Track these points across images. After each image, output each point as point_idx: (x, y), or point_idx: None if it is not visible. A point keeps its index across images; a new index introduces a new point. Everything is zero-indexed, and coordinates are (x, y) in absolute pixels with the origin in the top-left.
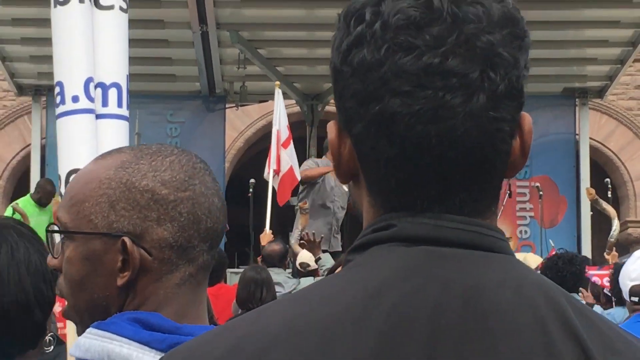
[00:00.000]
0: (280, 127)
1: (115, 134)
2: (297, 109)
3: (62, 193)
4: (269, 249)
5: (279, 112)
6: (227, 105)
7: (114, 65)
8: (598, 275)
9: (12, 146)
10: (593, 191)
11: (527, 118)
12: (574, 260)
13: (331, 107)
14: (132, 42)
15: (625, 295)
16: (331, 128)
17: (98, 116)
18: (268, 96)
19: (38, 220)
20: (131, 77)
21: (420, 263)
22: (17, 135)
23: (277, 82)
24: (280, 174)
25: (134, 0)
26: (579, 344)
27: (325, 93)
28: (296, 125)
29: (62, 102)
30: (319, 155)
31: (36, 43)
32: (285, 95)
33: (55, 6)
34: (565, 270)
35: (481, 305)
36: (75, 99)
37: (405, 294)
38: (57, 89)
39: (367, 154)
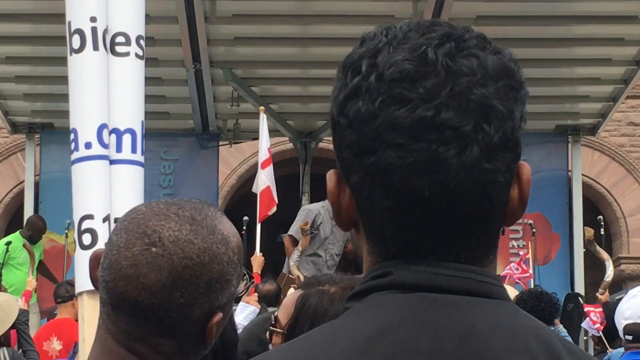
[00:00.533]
0: (262, 150)
1: (129, 180)
2: (290, 146)
3: (76, 239)
4: (263, 290)
5: (263, 136)
6: (220, 143)
7: (129, 112)
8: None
9: (5, 183)
10: (592, 231)
11: (525, 167)
12: (542, 297)
13: (324, 144)
14: None
15: (620, 333)
16: (331, 177)
17: (112, 162)
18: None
19: (27, 257)
20: None
21: (416, 310)
22: (10, 172)
23: (262, 107)
24: (258, 192)
25: None
26: None
27: (318, 130)
28: (290, 162)
29: (76, 148)
30: (313, 193)
31: (30, 81)
32: (279, 133)
33: (70, 54)
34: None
35: (476, 349)
36: (88, 145)
37: (401, 340)
38: (72, 136)
39: (364, 203)
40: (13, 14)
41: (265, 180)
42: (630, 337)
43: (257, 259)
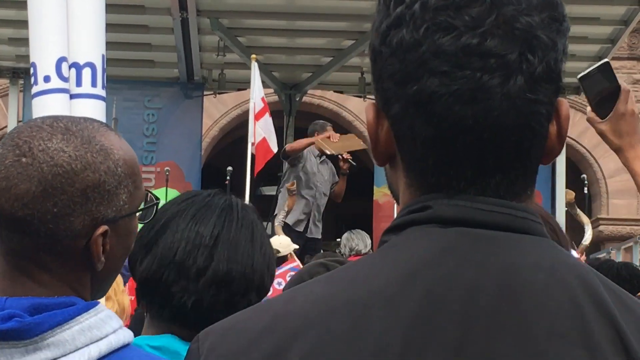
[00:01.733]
0: (255, 100)
1: (90, 114)
2: (275, 98)
3: None
4: None
5: (255, 84)
6: (205, 93)
7: (89, 45)
8: None
9: None
10: (572, 194)
11: (564, 103)
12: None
13: (308, 98)
14: (111, 27)
15: None
16: (369, 110)
17: (72, 96)
18: (247, 84)
19: None
20: (109, 61)
21: (455, 245)
22: None
23: (254, 55)
24: (255, 144)
25: None
26: (614, 327)
27: (303, 83)
28: (274, 115)
29: (35, 82)
30: None
31: (14, 25)
32: (264, 84)
33: None
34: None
35: (515, 287)
36: (47, 78)
37: (440, 276)
38: (31, 70)
39: (404, 134)
40: None
41: (260, 132)
42: None
43: None
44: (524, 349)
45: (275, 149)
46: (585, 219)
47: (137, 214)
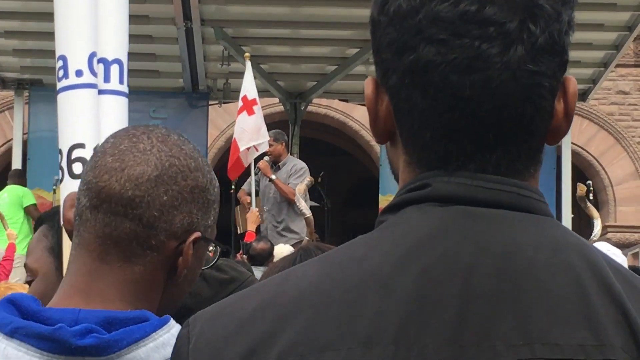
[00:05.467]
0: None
1: (117, 111)
2: (279, 108)
3: (62, 167)
4: (257, 248)
5: (246, 81)
6: (210, 103)
7: (117, 41)
8: None
9: None
10: (584, 188)
11: (572, 80)
12: None
13: (313, 107)
14: None
15: None
16: (368, 84)
17: (101, 92)
18: None
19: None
20: None
21: (455, 223)
22: None
23: (247, 54)
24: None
25: None
26: (619, 306)
27: (308, 92)
28: (279, 125)
29: (66, 76)
30: (301, 155)
31: (19, 37)
32: (268, 93)
33: None
34: None
35: (516, 266)
36: (79, 73)
37: (438, 256)
38: (59, 63)
39: (402, 107)
40: None
41: (237, 130)
42: None
43: (252, 215)
44: (526, 329)
45: (242, 148)
46: (595, 213)
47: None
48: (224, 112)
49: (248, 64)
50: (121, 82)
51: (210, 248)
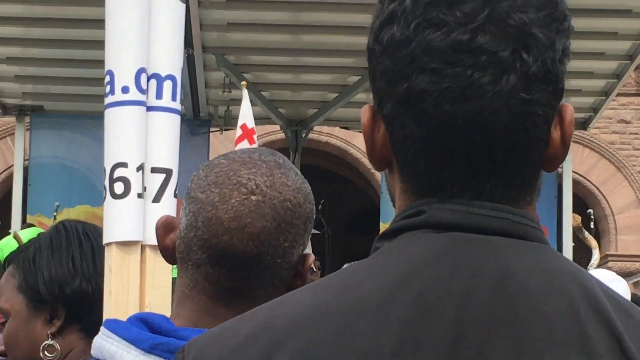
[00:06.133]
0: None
1: (168, 128)
2: (280, 136)
3: (107, 187)
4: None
5: (243, 110)
6: (211, 129)
7: (170, 57)
8: None
9: None
10: (579, 218)
11: (569, 108)
12: None
13: (314, 135)
14: None
15: None
16: (365, 112)
17: (152, 108)
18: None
19: None
20: None
21: (449, 249)
22: None
23: (244, 82)
24: None
25: None
26: (613, 333)
27: (309, 119)
28: (280, 152)
29: (112, 92)
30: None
31: (21, 63)
32: (269, 121)
33: None
34: None
35: (511, 291)
36: (125, 89)
37: (433, 281)
38: (107, 78)
39: (397, 135)
40: None
41: None
42: None
43: None
44: (520, 354)
45: None
46: (593, 242)
47: None
48: (225, 138)
49: (245, 92)
50: (174, 99)
51: None
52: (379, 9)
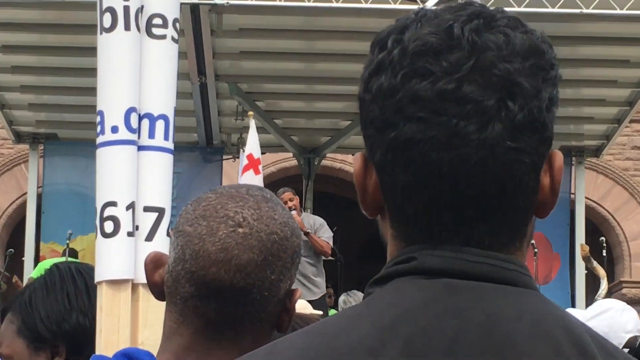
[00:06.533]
0: (243, 157)
1: (161, 167)
2: (293, 163)
3: (97, 226)
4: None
5: (249, 140)
6: (224, 157)
7: (163, 97)
8: None
9: (8, 195)
10: (587, 248)
11: (558, 155)
12: None
13: (327, 162)
14: None
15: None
16: (357, 159)
17: (144, 148)
18: (265, 148)
19: None
20: None
21: (438, 296)
22: (14, 183)
23: (250, 112)
24: None
25: None
26: None
27: (322, 146)
28: (293, 180)
29: (102, 132)
30: (315, 210)
31: (35, 91)
32: (282, 148)
33: (101, 33)
34: None
35: (498, 338)
36: (114, 129)
37: (421, 327)
38: (97, 118)
39: (387, 182)
40: (19, 24)
41: None
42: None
43: None
44: None
45: None
46: (601, 272)
47: None
48: (238, 166)
49: (252, 122)
50: (166, 138)
51: None
52: (369, 59)
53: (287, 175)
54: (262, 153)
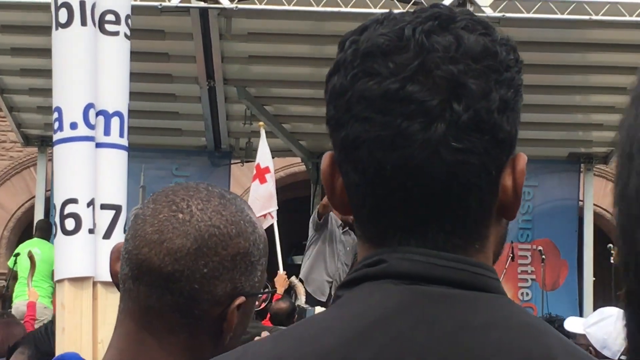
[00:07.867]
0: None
1: (117, 164)
2: (302, 168)
3: (57, 224)
4: (275, 307)
5: (260, 150)
6: (232, 161)
7: (117, 94)
8: None
9: (17, 197)
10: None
11: (521, 157)
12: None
13: None
14: (140, 95)
15: (614, 354)
16: (325, 158)
17: (100, 145)
18: (273, 153)
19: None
20: (137, 130)
21: (409, 303)
22: (23, 186)
23: (261, 123)
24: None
25: (142, 54)
26: None
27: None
28: (301, 185)
29: (60, 128)
30: None
31: (44, 94)
32: (290, 153)
33: (57, 29)
34: None
35: (469, 346)
36: (73, 125)
37: (392, 337)
38: (55, 115)
39: (345, 181)
40: (27, 26)
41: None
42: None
43: (280, 278)
44: None
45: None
46: None
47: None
48: (247, 169)
49: (262, 132)
50: (121, 135)
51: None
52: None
53: (295, 180)
54: (272, 157)
